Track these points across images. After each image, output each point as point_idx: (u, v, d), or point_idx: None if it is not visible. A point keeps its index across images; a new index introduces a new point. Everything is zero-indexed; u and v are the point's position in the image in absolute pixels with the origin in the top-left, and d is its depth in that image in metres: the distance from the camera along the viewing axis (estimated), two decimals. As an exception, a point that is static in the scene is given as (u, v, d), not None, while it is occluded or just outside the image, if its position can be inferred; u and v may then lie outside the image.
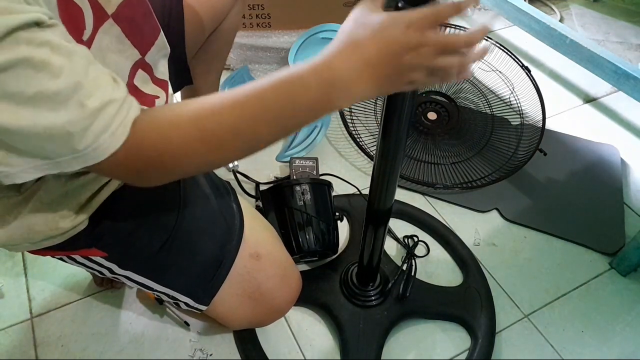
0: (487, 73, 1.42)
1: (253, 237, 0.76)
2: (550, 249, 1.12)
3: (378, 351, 0.89)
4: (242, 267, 0.73)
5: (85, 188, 0.60)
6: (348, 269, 0.97)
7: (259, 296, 0.75)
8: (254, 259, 0.75)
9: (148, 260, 0.69)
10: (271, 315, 0.81)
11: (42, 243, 0.61)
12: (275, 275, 0.77)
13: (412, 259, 1.02)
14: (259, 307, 0.76)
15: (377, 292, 0.94)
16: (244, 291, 0.75)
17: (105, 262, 0.68)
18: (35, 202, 0.58)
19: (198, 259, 0.71)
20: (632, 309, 1.02)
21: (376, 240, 0.82)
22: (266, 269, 0.76)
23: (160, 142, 0.47)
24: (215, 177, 0.80)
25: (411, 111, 0.60)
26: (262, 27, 1.38)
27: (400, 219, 1.14)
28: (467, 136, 1.31)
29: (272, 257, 0.78)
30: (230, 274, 0.72)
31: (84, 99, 0.41)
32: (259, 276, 0.75)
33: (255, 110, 0.47)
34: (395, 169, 0.68)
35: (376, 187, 0.72)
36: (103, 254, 0.67)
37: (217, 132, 0.47)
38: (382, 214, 0.77)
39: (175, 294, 0.73)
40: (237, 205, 0.77)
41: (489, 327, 0.94)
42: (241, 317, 0.78)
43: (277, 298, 0.78)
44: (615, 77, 1.33)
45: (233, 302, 0.75)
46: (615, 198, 1.21)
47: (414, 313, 0.96)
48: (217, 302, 0.74)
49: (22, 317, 0.95)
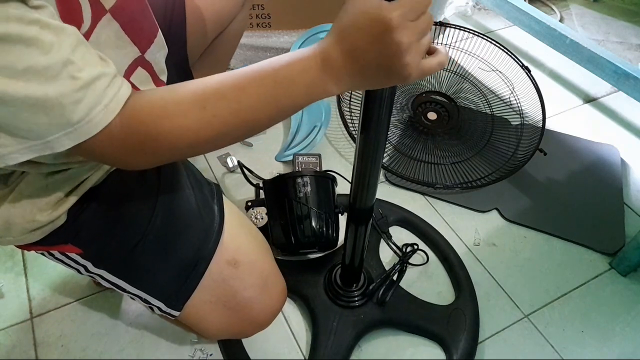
0: (487, 73, 1.42)
1: (233, 243, 0.73)
2: (550, 249, 1.12)
3: (346, 352, 0.89)
4: (218, 274, 0.70)
5: (65, 183, 0.60)
6: (335, 266, 0.97)
7: (234, 305, 0.71)
8: (231, 266, 0.71)
9: (122, 260, 0.67)
10: (249, 326, 0.76)
11: (23, 238, 0.60)
12: (254, 285, 0.73)
13: (402, 266, 1.01)
14: (234, 316, 0.72)
15: (359, 294, 0.94)
16: (218, 299, 0.71)
17: (81, 260, 0.66)
18: (16, 193, 0.57)
19: (171, 261, 0.69)
20: (632, 309, 1.02)
21: (357, 240, 0.82)
22: (244, 277, 0.72)
23: (159, 117, 0.46)
24: (201, 178, 0.78)
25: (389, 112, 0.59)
26: (262, 27, 1.38)
27: (405, 228, 1.14)
28: (467, 136, 1.31)
29: (253, 266, 0.74)
30: (204, 279, 0.69)
31: (74, 72, 0.42)
32: (235, 284, 0.71)
33: (256, 94, 0.47)
34: (375, 168, 0.68)
35: (356, 187, 0.72)
36: (78, 251, 0.65)
37: (220, 112, 0.47)
38: (363, 213, 0.77)
39: (148, 297, 0.70)
40: (219, 208, 0.74)
41: (467, 352, 0.91)
42: (216, 326, 0.74)
43: (256, 309, 0.73)
44: (615, 77, 1.33)
45: (206, 309, 0.71)
46: (615, 198, 1.21)
47: (392, 322, 0.95)
48: (189, 309, 0.70)
49: (22, 317, 0.95)
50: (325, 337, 0.90)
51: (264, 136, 1.31)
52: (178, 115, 0.47)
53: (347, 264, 0.89)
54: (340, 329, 0.91)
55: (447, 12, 1.78)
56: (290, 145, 1.26)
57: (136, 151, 0.48)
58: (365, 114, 0.60)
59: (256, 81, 0.47)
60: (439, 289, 1.03)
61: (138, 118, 0.46)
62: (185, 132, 0.47)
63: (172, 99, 0.47)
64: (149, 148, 0.48)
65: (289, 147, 1.26)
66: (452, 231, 1.14)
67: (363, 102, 0.59)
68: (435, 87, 1.41)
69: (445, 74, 1.45)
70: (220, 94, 0.47)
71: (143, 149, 0.48)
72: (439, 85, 1.42)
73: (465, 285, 1.01)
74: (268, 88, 0.47)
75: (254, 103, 0.47)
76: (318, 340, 0.90)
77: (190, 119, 0.47)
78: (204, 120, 0.47)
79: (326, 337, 0.90)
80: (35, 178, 0.57)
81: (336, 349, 0.89)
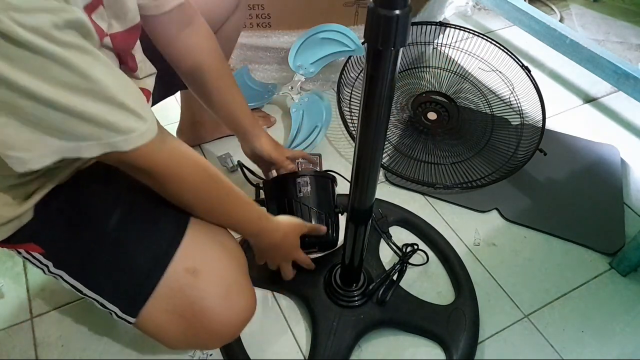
0: (487, 73, 1.42)
1: (195, 250, 0.70)
2: (550, 249, 1.12)
3: (346, 352, 0.89)
4: (174, 281, 0.68)
5: (36, 180, 0.61)
6: (335, 266, 0.97)
7: (191, 316, 0.68)
8: (190, 274, 0.68)
9: (80, 261, 0.67)
10: (209, 338, 0.72)
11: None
12: (215, 296, 0.69)
13: (402, 266, 1.01)
14: (192, 327, 0.69)
15: (359, 294, 0.94)
16: (174, 308, 0.68)
17: (43, 259, 0.67)
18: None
19: (127, 265, 0.68)
20: (632, 309, 1.02)
21: (357, 240, 0.82)
22: (203, 287, 0.69)
23: (171, 161, 0.61)
24: None
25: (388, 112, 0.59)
26: (262, 27, 1.38)
27: (405, 228, 1.14)
28: (467, 136, 1.31)
29: (214, 275, 0.70)
30: (160, 286, 0.67)
31: (125, 100, 0.51)
32: (192, 293, 0.68)
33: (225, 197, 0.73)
34: (374, 168, 0.68)
35: (356, 187, 0.72)
36: (41, 250, 0.66)
37: (213, 185, 0.69)
38: (363, 213, 0.77)
39: (103, 301, 0.69)
40: (185, 213, 0.72)
41: (467, 352, 0.91)
42: (173, 336, 0.70)
43: (216, 321, 0.69)
44: (615, 77, 1.33)
45: (162, 318, 0.69)
46: (615, 198, 1.21)
47: (392, 322, 0.95)
48: (146, 317, 0.68)
49: (22, 317, 0.95)
50: (325, 337, 0.90)
51: (264, 136, 1.31)
52: (188, 170, 0.64)
53: (347, 264, 0.89)
54: (340, 329, 0.91)
55: (447, 12, 1.78)
56: (290, 145, 1.26)
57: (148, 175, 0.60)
58: (365, 113, 0.60)
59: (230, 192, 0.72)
60: (439, 289, 1.03)
61: (156, 154, 0.58)
62: (186, 189, 0.66)
63: (190, 157, 0.65)
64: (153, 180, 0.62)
65: (289, 148, 1.26)
66: (452, 231, 1.14)
67: (362, 101, 0.59)
68: (435, 87, 1.41)
69: (445, 74, 1.45)
70: (217, 177, 0.69)
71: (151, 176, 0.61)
72: (439, 85, 1.42)
73: (465, 285, 1.01)
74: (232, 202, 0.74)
75: (219, 201, 0.72)
76: (318, 340, 0.90)
77: (197, 181, 0.67)
78: (205, 183, 0.68)
79: (326, 337, 0.90)
80: (6, 176, 0.58)
81: (336, 349, 0.89)
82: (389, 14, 0.46)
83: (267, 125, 1.33)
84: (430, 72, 1.46)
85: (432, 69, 1.46)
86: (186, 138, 1.25)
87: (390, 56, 0.52)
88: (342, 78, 1.32)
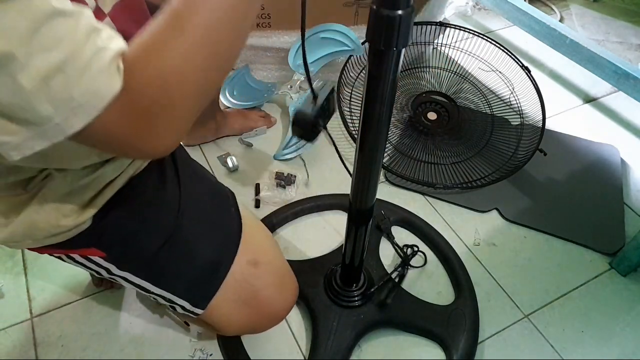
0: (487, 73, 1.42)
1: (252, 243, 0.76)
2: (550, 249, 1.12)
3: (346, 352, 0.89)
4: (240, 274, 0.73)
5: (89, 187, 0.60)
6: (336, 267, 0.97)
7: (255, 303, 0.75)
8: (252, 266, 0.74)
9: (146, 262, 0.69)
10: (267, 322, 0.80)
11: (44, 241, 0.61)
12: (272, 284, 0.77)
13: (404, 268, 1.01)
14: (255, 314, 0.76)
15: (359, 294, 0.94)
16: (239, 297, 0.74)
17: (104, 263, 0.68)
18: (40, 199, 0.58)
19: (195, 262, 0.71)
20: (632, 309, 1.02)
21: (357, 240, 0.82)
22: (264, 276, 0.76)
23: (159, 60, 0.41)
24: (215, 181, 0.81)
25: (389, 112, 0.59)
26: (262, 27, 1.38)
27: (405, 229, 1.13)
28: (467, 136, 1.31)
29: (271, 265, 0.78)
30: (227, 279, 0.72)
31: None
32: (256, 283, 0.75)
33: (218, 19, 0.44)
34: (375, 168, 0.68)
35: (357, 187, 0.72)
36: (101, 254, 0.66)
37: (212, 35, 0.44)
38: (363, 213, 0.77)
39: (172, 297, 0.72)
40: (235, 209, 0.77)
41: (467, 352, 0.91)
42: (236, 323, 0.77)
43: (274, 306, 0.78)
44: (615, 77, 1.33)
45: (229, 307, 0.74)
46: (615, 198, 1.21)
47: (392, 323, 0.95)
48: (212, 307, 0.73)
49: (22, 317, 0.95)
50: (325, 337, 0.90)
51: (264, 136, 1.31)
52: (164, 49, 0.42)
53: (347, 264, 0.89)
54: (340, 329, 0.91)
55: (447, 12, 1.78)
56: (288, 144, 1.26)
57: (148, 115, 0.43)
58: (366, 113, 0.60)
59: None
60: (439, 289, 1.03)
61: (142, 72, 0.41)
62: (192, 72, 0.43)
63: (151, 36, 0.42)
64: (160, 108, 0.43)
65: (287, 146, 1.26)
66: (452, 231, 1.14)
67: (363, 101, 0.59)
68: (435, 87, 1.41)
69: (445, 74, 1.45)
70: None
71: (154, 109, 0.43)
72: (439, 85, 1.42)
73: (465, 286, 1.01)
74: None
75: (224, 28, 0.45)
76: (318, 340, 0.90)
77: (194, 53, 0.43)
78: (205, 45, 0.44)
79: (326, 337, 0.90)
80: (59, 184, 0.58)
81: (336, 349, 0.89)
82: (391, 14, 0.46)
83: (268, 126, 1.33)
84: (430, 72, 1.46)
85: (432, 69, 1.46)
86: (187, 138, 1.26)
87: (392, 57, 0.52)
88: (342, 78, 1.32)
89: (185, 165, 0.75)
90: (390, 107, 0.59)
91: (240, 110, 1.34)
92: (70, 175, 0.58)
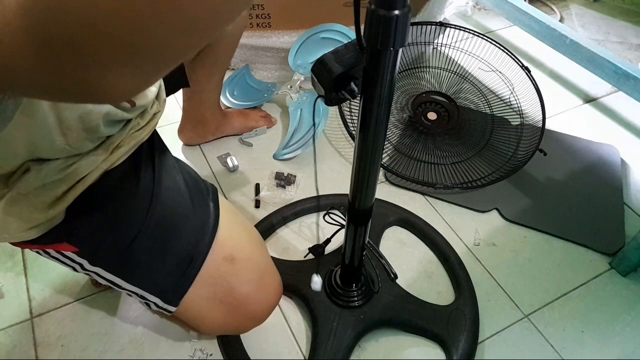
0: (487, 73, 1.42)
1: (229, 239, 0.73)
2: (550, 249, 1.12)
3: (346, 352, 0.89)
4: (214, 269, 0.71)
5: (62, 182, 0.60)
6: (336, 266, 0.97)
7: (232, 301, 0.72)
8: (228, 262, 0.72)
9: (117, 257, 0.68)
10: (247, 321, 0.77)
11: (20, 236, 0.61)
12: (251, 281, 0.74)
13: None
14: (231, 312, 0.73)
15: (359, 294, 0.94)
16: (215, 294, 0.71)
17: (77, 258, 0.67)
18: (13, 192, 0.58)
19: (167, 258, 0.69)
20: (632, 309, 1.02)
21: (357, 240, 0.82)
22: (241, 273, 0.73)
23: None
24: (196, 175, 0.79)
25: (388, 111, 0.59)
26: (262, 27, 1.38)
27: (405, 228, 1.13)
28: (467, 136, 1.31)
29: (249, 262, 0.75)
30: (200, 275, 0.70)
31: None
32: (232, 280, 0.72)
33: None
34: (374, 168, 0.68)
35: (356, 187, 0.72)
36: (74, 249, 0.66)
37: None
38: (363, 213, 0.77)
39: (144, 293, 0.70)
40: (214, 204, 0.75)
41: (467, 352, 0.91)
42: (212, 322, 0.75)
43: (252, 304, 0.74)
44: (615, 77, 1.33)
45: (203, 305, 0.72)
46: (615, 198, 1.21)
47: (392, 322, 0.95)
48: (186, 304, 0.71)
49: (22, 317, 0.95)
50: (325, 337, 0.90)
51: (264, 136, 1.31)
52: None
53: (347, 264, 0.89)
54: (340, 329, 0.91)
55: (447, 12, 1.78)
56: (288, 143, 1.26)
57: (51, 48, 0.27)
58: (364, 113, 0.60)
59: None
60: (439, 289, 1.03)
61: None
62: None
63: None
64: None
65: (287, 146, 1.26)
66: (452, 231, 1.14)
67: (362, 101, 0.59)
68: (435, 87, 1.41)
69: (445, 74, 1.45)
70: None
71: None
72: (439, 85, 1.42)
73: (465, 285, 1.01)
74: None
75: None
76: (318, 340, 0.90)
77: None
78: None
79: (326, 337, 0.90)
80: (33, 178, 0.58)
81: (336, 349, 0.89)
82: (388, 15, 0.47)
83: (268, 126, 1.33)
84: (430, 72, 1.46)
85: (432, 69, 1.46)
86: (187, 138, 1.26)
87: (389, 56, 0.52)
88: (342, 78, 1.32)
89: (162, 160, 0.73)
90: (388, 107, 0.59)
91: (241, 110, 1.34)
92: (45, 169, 0.58)
